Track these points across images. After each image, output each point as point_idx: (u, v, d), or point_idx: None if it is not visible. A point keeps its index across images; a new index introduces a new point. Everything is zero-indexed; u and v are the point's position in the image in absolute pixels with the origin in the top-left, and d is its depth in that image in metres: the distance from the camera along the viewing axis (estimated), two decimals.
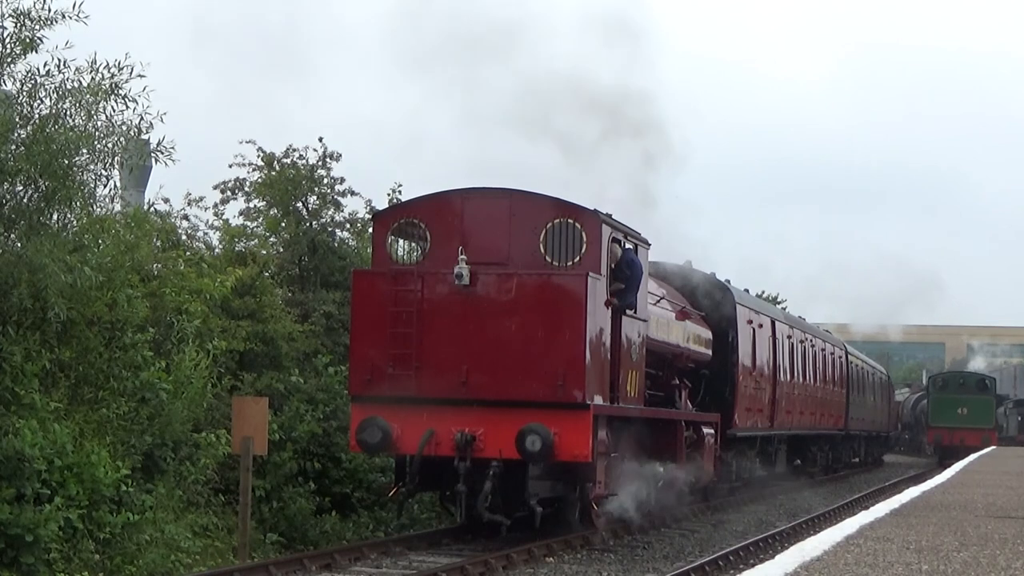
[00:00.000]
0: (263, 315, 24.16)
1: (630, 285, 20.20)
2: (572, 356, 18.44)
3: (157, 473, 18.59)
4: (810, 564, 11.53)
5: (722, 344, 27.71)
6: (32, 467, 15.75)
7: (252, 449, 18.38)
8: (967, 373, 65.27)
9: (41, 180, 16.99)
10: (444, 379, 18.68)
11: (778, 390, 32.16)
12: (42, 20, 17.15)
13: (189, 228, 26.03)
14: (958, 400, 57.84)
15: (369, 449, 19.19)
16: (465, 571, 16.84)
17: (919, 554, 12.59)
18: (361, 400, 19.12)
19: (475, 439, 18.48)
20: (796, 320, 39.68)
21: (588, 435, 18.42)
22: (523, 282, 18.77)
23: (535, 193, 19.69)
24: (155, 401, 18.73)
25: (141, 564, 16.96)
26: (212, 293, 21.57)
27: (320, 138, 28.10)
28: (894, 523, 15.73)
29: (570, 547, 19.59)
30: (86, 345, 18.32)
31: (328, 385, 23.82)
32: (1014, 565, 11.97)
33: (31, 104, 17.25)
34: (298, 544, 21.20)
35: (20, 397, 16.63)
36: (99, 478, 16.71)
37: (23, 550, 15.21)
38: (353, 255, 27.63)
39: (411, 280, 19.02)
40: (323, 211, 27.74)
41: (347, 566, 17.44)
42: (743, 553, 19.98)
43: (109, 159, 17.72)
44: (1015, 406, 67.61)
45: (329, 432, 23.02)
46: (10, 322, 16.90)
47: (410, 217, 20.04)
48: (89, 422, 17.85)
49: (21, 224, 17.09)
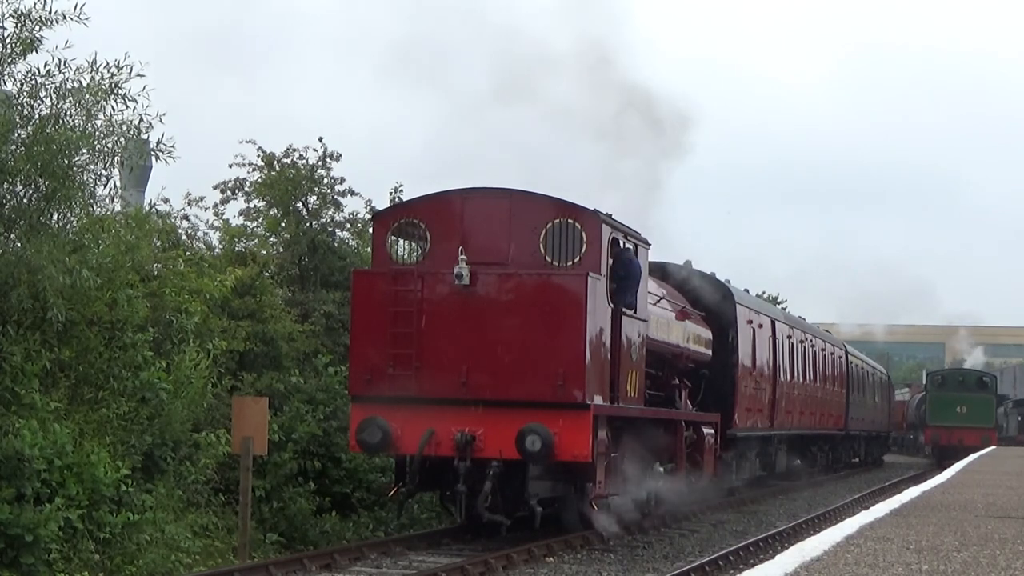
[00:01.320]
0: (263, 315, 24.16)
1: (628, 285, 20.21)
2: (572, 356, 18.44)
3: (157, 473, 18.59)
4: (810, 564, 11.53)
5: (722, 344, 27.71)
6: (32, 467, 15.75)
7: (252, 449, 18.38)
8: (967, 370, 63.46)
9: (41, 180, 17.00)
10: (444, 379, 18.68)
11: (778, 390, 32.17)
12: (42, 20, 17.15)
13: (189, 228, 26.05)
14: (957, 398, 56.18)
15: (369, 449, 19.20)
16: (465, 571, 16.85)
17: (919, 554, 12.59)
18: (361, 400, 19.13)
19: (475, 439, 18.48)
20: (796, 320, 39.70)
21: (588, 435, 18.42)
22: (523, 282, 18.77)
23: (535, 193, 19.69)
24: (155, 401, 18.73)
25: (141, 564, 16.96)
26: (212, 293, 21.57)
27: (320, 138, 28.16)
28: (894, 523, 15.73)
29: (570, 547, 19.60)
30: (86, 345, 18.33)
31: (328, 385, 23.82)
32: (1014, 565, 11.97)
33: (31, 104, 17.25)
34: (298, 544, 21.19)
35: (20, 397, 16.63)
36: (99, 478, 16.71)
37: (23, 550, 15.21)
38: (353, 255, 27.63)
39: (411, 280, 19.02)
40: (323, 211, 27.74)
41: (347, 566, 17.45)
42: (743, 553, 19.99)
43: (109, 159, 17.72)
44: (1015, 406, 67.08)
45: (329, 432, 23.01)
46: (10, 322, 16.91)
47: (410, 217, 20.05)
48: (89, 422, 17.85)
49: (21, 224, 17.09)
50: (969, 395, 56.49)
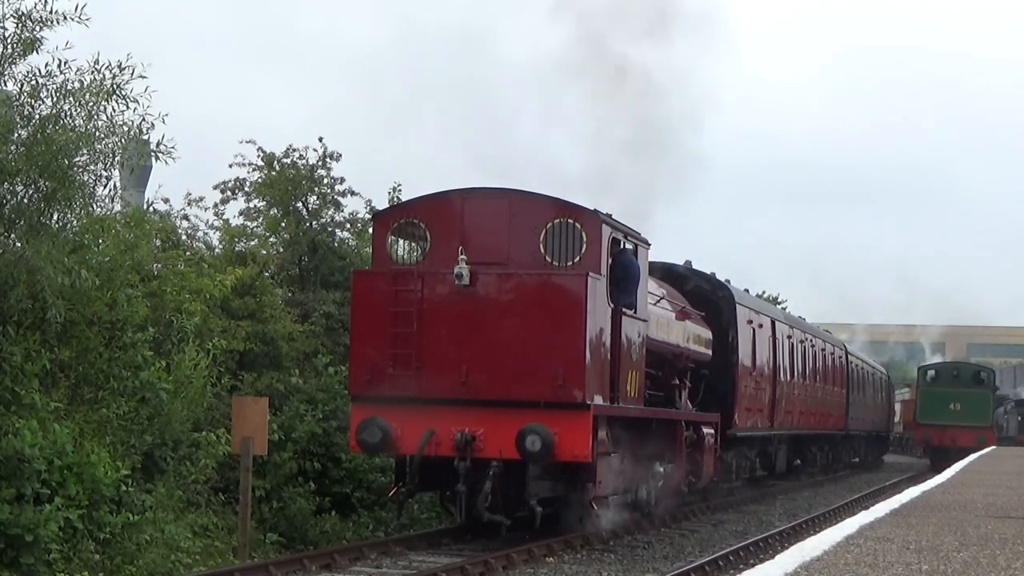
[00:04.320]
0: (263, 315, 24.17)
1: (628, 285, 20.21)
2: (572, 356, 18.44)
3: (157, 473, 18.60)
4: (810, 564, 11.52)
5: (722, 344, 27.71)
6: (32, 467, 15.74)
7: (252, 449, 18.39)
8: (962, 364, 58.30)
9: (41, 180, 17.00)
10: (444, 379, 18.69)
11: (778, 390, 32.17)
12: (43, 21, 17.15)
13: (189, 228, 26.07)
14: (950, 394, 51.64)
15: (369, 449, 19.20)
16: (465, 571, 16.85)
17: (919, 554, 12.59)
18: (361, 400, 19.13)
19: (475, 439, 18.48)
20: (796, 320, 39.70)
21: (588, 435, 18.42)
22: (523, 282, 18.77)
23: (535, 193, 19.70)
24: (155, 401, 18.73)
25: (141, 564, 16.95)
26: (212, 293, 21.58)
27: (320, 138, 28.15)
28: (894, 523, 15.72)
29: (570, 547, 19.59)
30: (86, 345, 18.32)
31: (328, 385, 23.82)
32: (1014, 565, 11.96)
33: (32, 104, 17.25)
34: (298, 544, 21.19)
35: (20, 397, 16.63)
36: (99, 478, 16.71)
37: (23, 550, 15.21)
38: (353, 255, 27.64)
39: (411, 280, 19.02)
40: (323, 211, 27.75)
41: (347, 566, 17.44)
42: (743, 553, 19.99)
43: (109, 159, 17.72)
44: (1015, 406, 66.00)
45: (329, 432, 23.02)
46: (10, 322, 16.90)
47: (410, 217, 20.05)
48: (89, 422, 17.85)
49: (21, 224, 17.09)
50: (964, 391, 51.99)
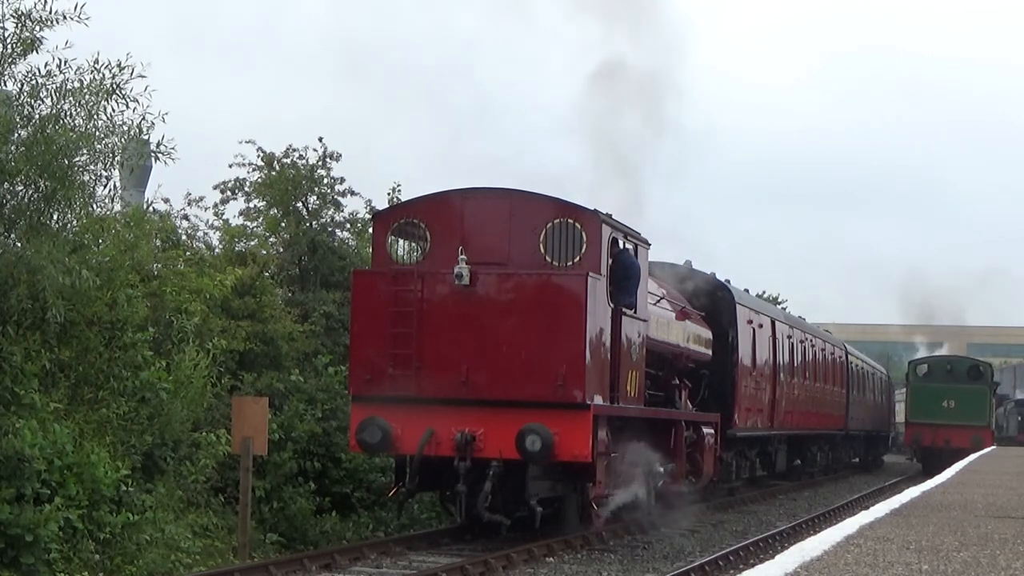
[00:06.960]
0: (263, 315, 24.17)
1: (628, 285, 20.21)
2: (572, 356, 18.43)
3: (157, 473, 18.59)
4: (810, 564, 11.51)
5: (722, 344, 27.71)
6: (32, 467, 15.74)
7: (252, 449, 18.39)
8: (956, 358, 53.25)
9: (41, 180, 17.00)
10: (444, 379, 18.68)
11: (778, 390, 32.17)
12: (43, 21, 17.15)
13: (189, 228, 26.08)
14: (943, 391, 47.24)
15: (369, 449, 19.20)
16: (465, 571, 16.85)
17: (919, 554, 12.58)
18: (361, 400, 19.13)
19: (475, 439, 18.48)
20: (796, 320, 39.70)
21: (588, 435, 18.42)
22: (523, 282, 18.77)
23: (535, 193, 19.69)
24: (155, 401, 18.73)
25: (141, 564, 16.95)
26: (212, 293, 21.58)
27: (320, 138, 28.16)
28: (894, 523, 15.71)
29: (570, 547, 19.60)
30: (86, 345, 18.32)
31: (328, 385, 23.82)
32: (1014, 565, 11.96)
33: (31, 104, 17.25)
34: (298, 544, 21.19)
35: (20, 397, 16.63)
36: (99, 478, 16.71)
37: (23, 550, 15.20)
38: (353, 255, 27.64)
39: (411, 280, 19.02)
40: (323, 211, 27.76)
41: (347, 566, 17.44)
42: (743, 553, 19.99)
43: (109, 159, 17.72)
44: (1015, 406, 65.50)
45: (329, 432, 23.02)
46: (10, 322, 16.90)
47: (410, 217, 20.05)
48: (89, 422, 17.85)
49: (21, 224, 17.09)
50: (958, 387, 47.54)
